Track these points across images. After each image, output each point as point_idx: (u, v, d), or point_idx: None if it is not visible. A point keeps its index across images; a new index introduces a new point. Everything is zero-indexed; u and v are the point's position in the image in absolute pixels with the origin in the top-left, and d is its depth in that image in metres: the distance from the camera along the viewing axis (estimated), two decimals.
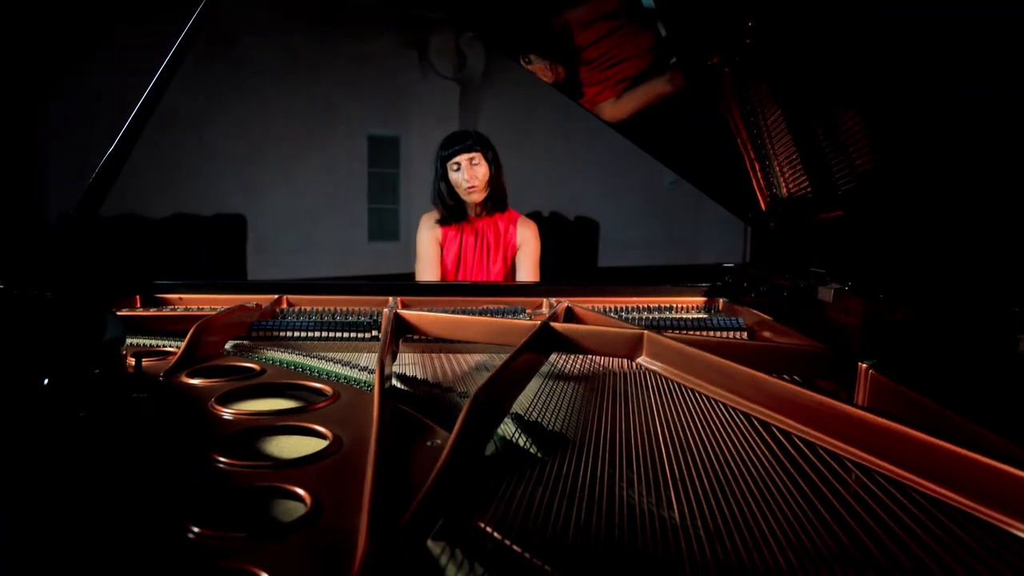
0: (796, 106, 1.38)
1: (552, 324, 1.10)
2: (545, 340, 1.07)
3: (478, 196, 2.17)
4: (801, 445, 0.74)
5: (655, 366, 1.04)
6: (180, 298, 1.63)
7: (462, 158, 2.14)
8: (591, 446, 0.73)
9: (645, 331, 1.06)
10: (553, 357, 1.13)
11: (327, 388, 0.90)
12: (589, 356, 1.13)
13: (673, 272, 1.80)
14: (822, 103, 1.28)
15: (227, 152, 6.34)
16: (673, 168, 1.86)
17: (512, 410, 0.84)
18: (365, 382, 0.96)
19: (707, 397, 0.91)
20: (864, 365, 0.93)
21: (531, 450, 0.72)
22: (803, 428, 0.76)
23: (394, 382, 0.99)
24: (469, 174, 2.13)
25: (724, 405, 0.87)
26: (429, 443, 0.71)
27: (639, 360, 1.07)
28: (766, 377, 0.83)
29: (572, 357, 1.15)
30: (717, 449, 0.73)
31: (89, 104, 5.08)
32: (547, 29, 1.67)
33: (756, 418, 0.82)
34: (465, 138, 2.17)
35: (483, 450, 0.71)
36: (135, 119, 1.26)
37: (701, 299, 1.73)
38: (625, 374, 1.05)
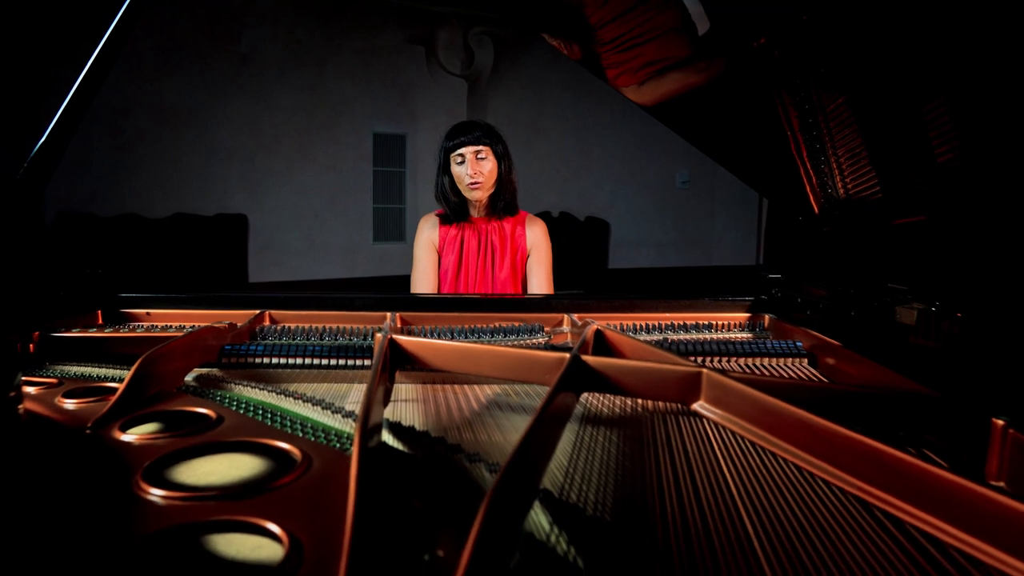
0: (865, 94, 1.16)
1: (583, 358, 0.88)
2: (576, 378, 0.86)
3: (481, 194, 1.94)
4: (958, 557, 0.52)
5: (716, 415, 0.82)
6: (148, 313, 1.42)
7: (467, 151, 1.90)
8: (660, 550, 0.51)
9: (703, 369, 0.84)
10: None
11: (295, 451, 0.69)
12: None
13: (686, 273, 1.59)
14: (902, 89, 1.06)
15: (230, 150, 6.15)
16: (716, 159, 1.64)
17: (541, 485, 0.63)
18: (347, 436, 0.75)
19: (796, 465, 0.69)
20: (1000, 422, 0.71)
21: (576, 561, 0.50)
22: (956, 532, 0.54)
23: (384, 435, 0.78)
24: (474, 169, 1.90)
25: (824, 481, 0.65)
26: (427, 556, 0.50)
27: (695, 406, 0.85)
28: (884, 448, 0.61)
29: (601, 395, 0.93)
30: (837, 558, 0.51)
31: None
32: (559, 5, 1.46)
33: (879, 508, 0.59)
34: (472, 129, 1.93)
35: (506, 566, 0.49)
36: (68, 108, 1.05)
37: (744, 315, 1.50)
38: (675, 418, 0.83)
